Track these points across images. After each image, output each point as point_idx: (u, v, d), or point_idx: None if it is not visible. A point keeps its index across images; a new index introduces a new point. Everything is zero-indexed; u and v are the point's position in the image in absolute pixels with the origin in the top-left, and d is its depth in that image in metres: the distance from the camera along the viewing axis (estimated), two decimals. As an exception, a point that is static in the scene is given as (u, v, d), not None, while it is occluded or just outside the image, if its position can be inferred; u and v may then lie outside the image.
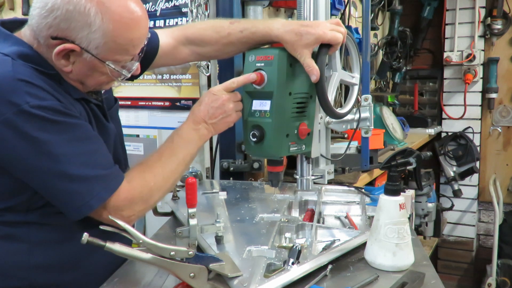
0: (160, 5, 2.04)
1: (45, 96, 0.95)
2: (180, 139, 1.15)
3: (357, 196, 1.48)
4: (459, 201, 3.58)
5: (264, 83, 1.07)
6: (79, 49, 0.98)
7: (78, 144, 0.98)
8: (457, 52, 3.43)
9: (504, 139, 3.47)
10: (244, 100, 1.13)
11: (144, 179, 1.06)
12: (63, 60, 1.00)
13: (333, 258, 1.01)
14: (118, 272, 1.02)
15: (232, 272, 0.90)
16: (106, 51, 0.99)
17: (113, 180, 1.02)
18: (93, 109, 1.11)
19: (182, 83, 2.05)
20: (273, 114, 1.07)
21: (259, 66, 1.08)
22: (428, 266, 1.02)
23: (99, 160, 1.02)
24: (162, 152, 1.13)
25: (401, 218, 1.00)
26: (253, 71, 1.08)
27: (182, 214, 1.29)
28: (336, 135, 2.21)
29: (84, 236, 0.82)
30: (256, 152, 1.13)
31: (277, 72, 1.05)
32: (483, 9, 3.38)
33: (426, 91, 3.76)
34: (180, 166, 1.13)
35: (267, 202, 1.46)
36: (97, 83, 1.08)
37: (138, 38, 1.04)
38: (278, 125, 1.07)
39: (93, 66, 1.02)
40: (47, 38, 0.98)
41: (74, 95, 1.05)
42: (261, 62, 1.08)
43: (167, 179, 1.11)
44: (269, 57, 1.07)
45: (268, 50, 1.13)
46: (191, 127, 1.16)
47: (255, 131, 1.08)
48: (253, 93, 1.09)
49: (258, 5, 1.86)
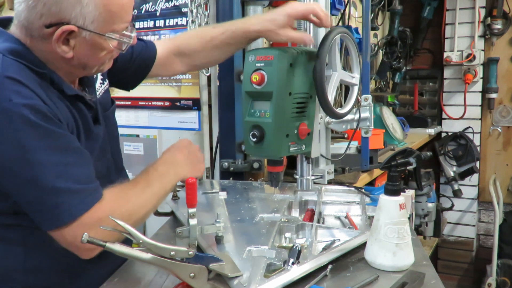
0: (160, 5, 2.04)
1: (31, 95, 0.93)
2: (155, 172, 1.15)
3: (357, 196, 1.48)
4: (459, 201, 3.58)
5: (264, 83, 1.07)
6: (76, 28, 0.96)
7: (56, 153, 0.94)
8: (457, 52, 3.43)
9: (504, 139, 3.47)
10: (244, 101, 1.13)
11: (118, 203, 1.02)
12: (64, 46, 0.98)
13: (333, 258, 1.01)
14: (118, 272, 1.02)
15: (232, 272, 0.90)
16: (102, 23, 0.98)
17: (88, 196, 0.97)
18: (81, 110, 1.08)
19: (182, 83, 2.05)
20: (273, 114, 1.06)
21: (259, 66, 1.08)
22: (428, 266, 1.02)
23: (76, 174, 0.96)
24: (138, 182, 1.11)
25: (401, 218, 1.00)
26: (253, 71, 1.08)
27: (182, 214, 1.29)
28: (336, 135, 2.21)
29: (84, 236, 0.82)
30: (256, 152, 1.12)
31: (277, 72, 1.05)
32: (483, 9, 3.38)
33: (426, 91, 3.76)
34: (154, 197, 1.10)
35: (267, 202, 1.45)
36: (100, 62, 1.06)
37: (128, 2, 1.02)
38: (278, 125, 1.07)
39: (94, 44, 1.00)
40: (41, 29, 0.96)
41: (68, 91, 1.03)
42: (261, 62, 1.08)
43: (139, 208, 1.07)
44: (269, 57, 1.07)
45: (268, 50, 1.13)
46: (167, 162, 1.19)
47: (255, 131, 1.08)
48: (253, 93, 1.09)
49: (258, 5, 1.86)
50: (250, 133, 1.09)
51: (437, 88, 3.67)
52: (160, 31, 2.06)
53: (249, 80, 1.08)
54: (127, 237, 0.86)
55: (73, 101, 1.06)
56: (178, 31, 2.02)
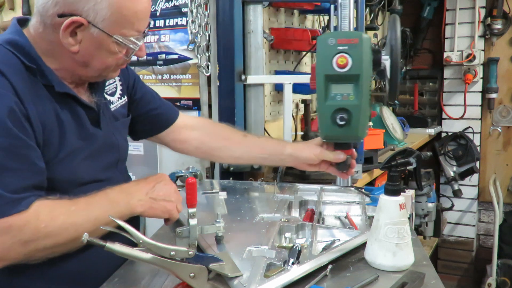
0: (160, 5, 2.04)
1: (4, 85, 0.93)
2: (104, 197, 1.03)
3: (357, 196, 1.48)
4: (459, 201, 3.58)
5: (348, 66, 1.07)
6: (86, 22, 0.97)
7: None
8: (457, 52, 3.43)
9: (504, 139, 3.47)
10: (320, 84, 1.12)
11: (39, 218, 0.93)
12: (70, 38, 0.99)
13: (333, 258, 1.01)
14: (118, 272, 1.02)
15: (232, 272, 0.90)
16: (112, 23, 0.99)
17: (5, 205, 0.90)
18: (74, 109, 1.07)
19: (182, 83, 2.05)
20: (360, 97, 1.09)
21: (342, 49, 1.08)
22: (428, 266, 1.02)
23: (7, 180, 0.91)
24: (78, 202, 1.00)
25: (401, 218, 1.00)
26: (335, 54, 1.08)
27: (182, 214, 1.29)
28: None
29: (84, 236, 0.81)
30: (341, 135, 1.14)
31: (363, 55, 1.07)
32: (483, 9, 3.37)
33: (426, 91, 3.76)
34: (87, 223, 0.97)
35: (267, 202, 1.46)
36: (103, 64, 1.06)
37: (142, 11, 1.03)
38: (364, 107, 1.10)
39: (100, 42, 1.01)
40: (54, 17, 0.97)
41: (58, 88, 1.03)
42: (345, 45, 1.08)
43: (62, 230, 0.95)
44: (354, 40, 1.08)
45: (350, 33, 1.15)
46: (125, 191, 1.07)
47: (343, 114, 1.10)
48: (334, 76, 1.10)
49: (258, 5, 1.86)
50: (336, 116, 1.11)
51: (437, 88, 3.67)
52: (160, 31, 2.06)
53: (329, 63, 1.08)
54: (133, 232, 0.85)
55: (63, 99, 1.05)
56: (178, 31, 2.02)
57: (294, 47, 2.21)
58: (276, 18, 2.25)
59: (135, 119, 1.35)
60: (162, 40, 2.07)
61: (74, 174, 1.07)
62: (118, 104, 1.26)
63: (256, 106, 1.92)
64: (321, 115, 1.13)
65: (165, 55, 2.08)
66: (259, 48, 1.89)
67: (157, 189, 1.11)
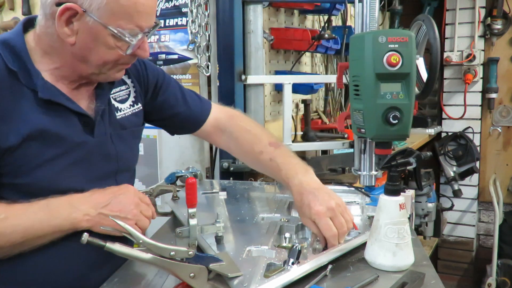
0: (160, 5, 2.04)
1: None
2: (45, 206, 0.96)
3: (357, 196, 1.48)
4: (459, 201, 3.58)
5: (399, 64, 1.08)
6: (80, 10, 0.94)
7: None
8: (457, 52, 3.43)
9: (504, 139, 3.47)
10: (369, 83, 1.12)
11: None
12: (66, 28, 0.96)
13: (333, 258, 1.01)
14: (118, 272, 1.02)
15: (232, 272, 0.90)
16: (108, 13, 0.95)
17: None
18: (61, 115, 1.03)
19: (182, 83, 2.05)
20: (409, 96, 1.10)
21: (393, 48, 1.09)
22: (428, 266, 1.02)
23: None
24: (12, 208, 0.94)
25: (401, 218, 1.00)
26: (386, 52, 1.09)
27: (182, 214, 1.29)
28: (336, 135, 2.21)
29: (84, 236, 0.82)
30: (392, 134, 1.14)
31: (412, 54, 1.08)
32: (483, 9, 3.37)
33: (426, 91, 3.76)
34: (13, 234, 0.92)
35: (267, 202, 1.46)
36: (101, 59, 1.01)
37: (143, 4, 0.98)
38: (412, 106, 1.11)
39: (96, 34, 0.97)
40: (52, 5, 0.96)
41: (42, 93, 1.00)
42: (395, 43, 1.08)
43: None
44: (404, 38, 1.08)
45: (400, 31, 1.14)
46: (71, 203, 0.99)
47: (396, 112, 1.10)
48: (385, 75, 1.10)
49: (258, 5, 1.86)
50: (389, 115, 1.11)
51: (437, 88, 3.67)
52: (160, 31, 2.07)
53: (380, 61, 1.08)
54: (133, 232, 0.86)
55: (48, 104, 1.01)
56: (178, 31, 2.02)
57: (294, 47, 2.21)
58: (276, 18, 2.25)
59: (160, 122, 1.36)
60: (162, 40, 2.07)
61: (55, 181, 1.01)
62: (128, 112, 1.20)
63: (256, 106, 1.92)
64: (371, 114, 1.12)
65: (165, 55, 2.08)
66: (259, 48, 1.90)
67: (112, 203, 1.01)
